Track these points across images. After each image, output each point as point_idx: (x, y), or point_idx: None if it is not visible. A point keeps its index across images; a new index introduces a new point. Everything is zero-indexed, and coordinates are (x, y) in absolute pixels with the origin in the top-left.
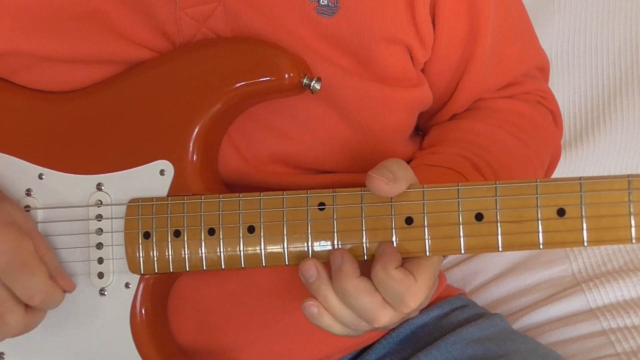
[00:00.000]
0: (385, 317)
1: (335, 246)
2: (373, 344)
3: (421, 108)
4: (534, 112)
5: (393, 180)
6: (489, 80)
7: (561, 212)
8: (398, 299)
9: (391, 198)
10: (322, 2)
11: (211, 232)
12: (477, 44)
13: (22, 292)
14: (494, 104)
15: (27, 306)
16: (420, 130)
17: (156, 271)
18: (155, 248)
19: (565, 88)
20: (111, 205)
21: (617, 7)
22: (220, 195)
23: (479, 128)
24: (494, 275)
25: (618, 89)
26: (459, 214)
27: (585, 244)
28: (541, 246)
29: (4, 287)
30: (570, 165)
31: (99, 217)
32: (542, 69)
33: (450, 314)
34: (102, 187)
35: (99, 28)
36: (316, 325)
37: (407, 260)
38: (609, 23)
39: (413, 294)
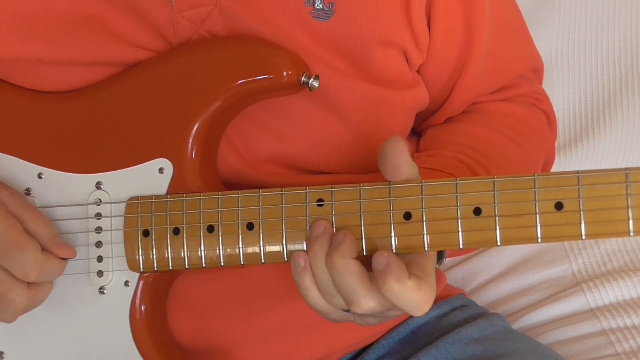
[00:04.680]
0: (366, 305)
1: None
2: (372, 343)
3: (418, 109)
4: (529, 115)
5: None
6: (485, 82)
7: (559, 206)
8: (416, 306)
9: (389, 193)
10: (317, 5)
11: (210, 229)
12: (473, 47)
13: (17, 271)
14: (489, 107)
15: (29, 282)
16: (416, 131)
17: (155, 269)
18: (154, 246)
19: (565, 88)
20: (110, 203)
21: (617, 7)
22: (219, 193)
23: (475, 131)
24: (494, 275)
25: (618, 89)
26: (457, 209)
27: (583, 237)
28: (539, 240)
29: (1, 268)
30: (570, 165)
31: (98, 215)
32: (536, 71)
33: (450, 314)
34: (102, 186)
35: (97, 32)
36: (295, 281)
37: (408, 264)
38: (609, 23)
39: (429, 299)
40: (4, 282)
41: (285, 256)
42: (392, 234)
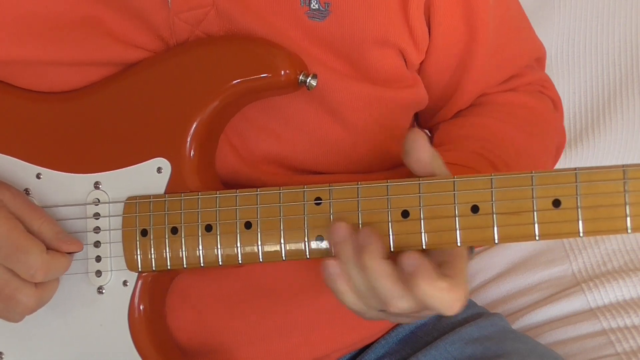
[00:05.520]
0: (401, 305)
1: None
2: (372, 343)
3: (416, 108)
4: (537, 103)
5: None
6: (492, 75)
7: (557, 203)
8: (447, 306)
9: (387, 192)
10: (313, 6)
11: (208, 228)
12: (476, 42)
13: (22, 272)
14: (497, 98)
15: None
16: (424, 128)
17: (154, 268)
18: (152, 245)
19: (565, 88)
20: (109, 203)
21: (617, 7)
22: (217, 192)
23: (487, 124)
24: (494, 275)
25: (618, 89)
26: (454, 207)
27: (581, 234)
28: (537, 237)
29: (6, 270)
30: (570, 165)
31: (97, 215)
32: (540, 60)
33: None
34: (100, 186)
35: (95, 33)
36: (330, 288)
37: (441, 265)
38: (609, 23)
39: (461, 299)
40: (11, 283)
41: (283, 255)
42: (390, 232)
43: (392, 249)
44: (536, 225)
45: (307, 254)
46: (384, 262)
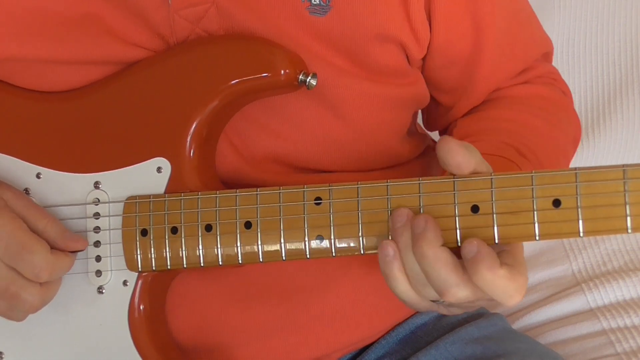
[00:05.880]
0: (459, 294)
1: (332, 240)
2: (372, 343)
3: (417, 106)
4: (551, 93)
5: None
6: (504, 69)
7: (557, 203)
8: (507, 295)
9: (387, 191)
10: (314, 1)
11: (208, 228)
12: (484, 35)
13: (27, 272)
14: (512, 91)
15: None
16: (433, 129)
17: (154, 268)
18: (152, 245)
19: None
20: (109, 203)
21: (617, 7)
22: (217, 192)
23: (508, 115)
24: None
25: (618, 89)
26: (454, 207)
27: (581, 234)
28: (537, 237)
29: (11, 269)
30: (570, 165)
31: (97, 215)
32: (548, 54)
33: None
34: (100, 186)
35: (94, 31)
36: (383, 272)
37: (500, 254)
38: (609, 23)
39: (521, 288)
40: (16, 282)
41: (283, 255)
42: (390, 232)
43: None
44: (536, 225)
45: (307, 253)
46: (441, 249)
